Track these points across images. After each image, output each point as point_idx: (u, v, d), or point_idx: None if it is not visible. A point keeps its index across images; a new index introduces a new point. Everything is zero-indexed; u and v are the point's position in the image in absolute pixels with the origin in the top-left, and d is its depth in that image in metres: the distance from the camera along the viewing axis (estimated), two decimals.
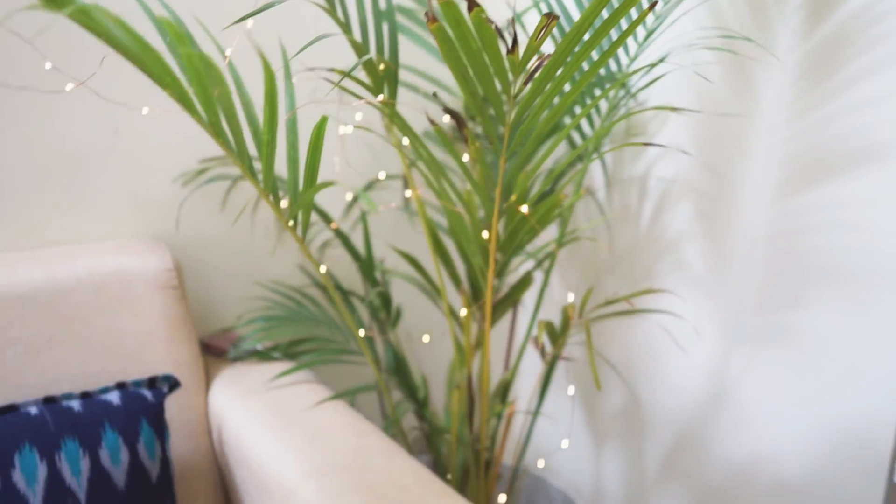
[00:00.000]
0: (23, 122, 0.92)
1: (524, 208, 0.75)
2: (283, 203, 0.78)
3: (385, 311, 1.01)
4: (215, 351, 1.05)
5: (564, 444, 1.38)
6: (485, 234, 0.81)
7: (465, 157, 0.95)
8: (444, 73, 1.24)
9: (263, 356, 1.02)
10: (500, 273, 0.98)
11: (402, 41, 1.19)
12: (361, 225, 1.12)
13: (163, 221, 1.06)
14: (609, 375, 1.26)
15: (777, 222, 1.01)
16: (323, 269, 0.85)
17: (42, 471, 0.69)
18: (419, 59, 1.23)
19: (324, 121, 0.63)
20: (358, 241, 1.22)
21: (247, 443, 0.84)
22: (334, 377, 1.28)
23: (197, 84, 0.63)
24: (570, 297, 1.28)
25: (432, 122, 0.64)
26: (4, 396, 0.81)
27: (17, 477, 0.68)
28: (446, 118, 1.18)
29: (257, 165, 1.04)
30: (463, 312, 0.95)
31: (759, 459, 1.08)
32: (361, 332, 0.95)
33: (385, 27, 1.15)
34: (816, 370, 0.98)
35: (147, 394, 0.79)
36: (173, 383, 0.81)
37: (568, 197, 1.02)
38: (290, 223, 0.76)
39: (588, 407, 1.33)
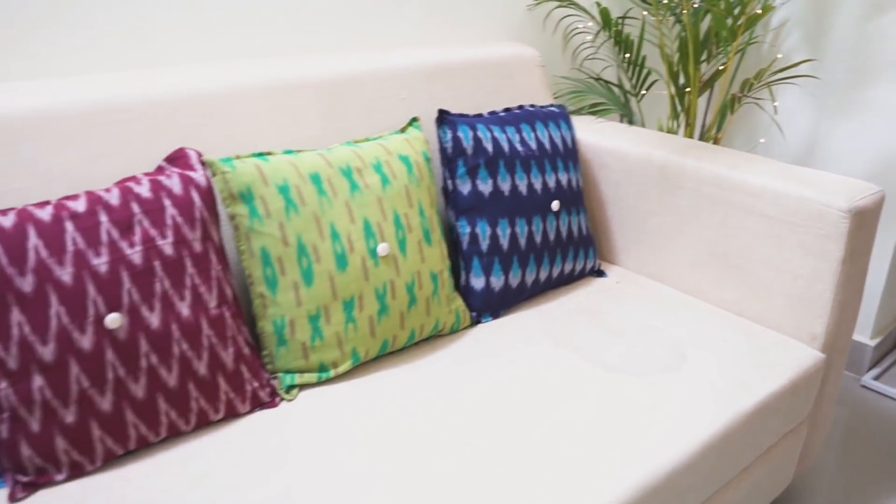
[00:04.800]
0: None
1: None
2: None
3: (642, 85, 1.62)
4: None
5: None
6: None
7: None
8: None
9: (575, 113, 1.63)
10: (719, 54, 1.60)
11: None
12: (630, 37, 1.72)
13: (511, 32, 1.65)
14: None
15: (857, 39, 1.62)
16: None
17: (532, 135, 1.30)
18: None
19: None
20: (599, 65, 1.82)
21: (602, 142, 1.46)
22: None
23: None
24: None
25: None
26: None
27: (513, 135, 1.29)
28: None
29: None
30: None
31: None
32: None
33: None
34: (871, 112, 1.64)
35: (562, 109, 1.40)
36: (567, 110, 1.43)
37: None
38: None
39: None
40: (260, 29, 1.26)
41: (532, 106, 1.35)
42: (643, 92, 1.63)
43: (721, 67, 1.53)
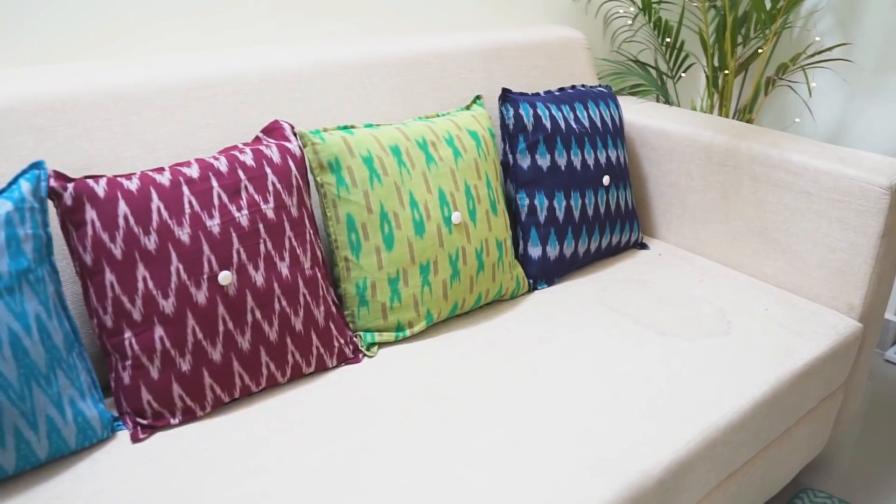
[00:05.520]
0: None
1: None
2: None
3: (679, 67, 1.68)
4: None
5: None
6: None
7: None
8: None
9: (618, 92, 1.69)
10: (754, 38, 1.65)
11: None
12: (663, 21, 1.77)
13: (554, 16, 1.70)
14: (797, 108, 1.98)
15: (888, 25, 1.68)
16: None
17: (585, 114, 1.37)
18: None
19: None
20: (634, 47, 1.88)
21: (644, 121, 1.52)
22: None
23: None
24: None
25: None
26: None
27: (567, 113, 1.35)
28: None
29: None
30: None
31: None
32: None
33: None
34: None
35: (609, 90, 1.46)
36: (612, 90, 1.49)
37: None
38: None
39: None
40: (332, 12, 1.32)
41: (583, 86, 1.42)
42: (682, 74, 1.70)
43: (760, 50, 1.59)
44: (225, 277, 0.91)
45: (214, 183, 0.93)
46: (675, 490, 0.93)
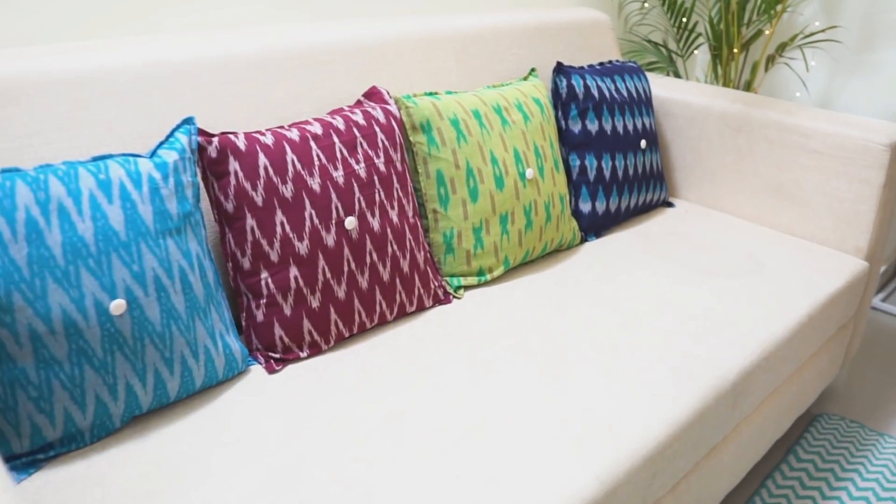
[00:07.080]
0: None
1: None
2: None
3: (689, 45, 1.84)
4: None
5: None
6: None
7: None
8: None
9: None
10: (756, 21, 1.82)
11: None
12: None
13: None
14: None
15: (867, 9, 1.88)
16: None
17: (623, 85, 1.51)
18: None
19: None
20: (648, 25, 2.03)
21: (666, 94, 1.67)
22: None
23: None
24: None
25: None
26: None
27: (609, 84, 1.49)
28: None
29: None
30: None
31: None
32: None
33: None
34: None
35: (637, 65, 1.61)
36: (639, 65, 1.63)
37: None
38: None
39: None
40: None
41: (617, 61, 1.56)
42: (694, 51, 1.86)
43: (766, 31, 1.76)
44: (350, 222, 1.01)
45: (335, 139, 1.03)
46: (743, 395, 1.07)
